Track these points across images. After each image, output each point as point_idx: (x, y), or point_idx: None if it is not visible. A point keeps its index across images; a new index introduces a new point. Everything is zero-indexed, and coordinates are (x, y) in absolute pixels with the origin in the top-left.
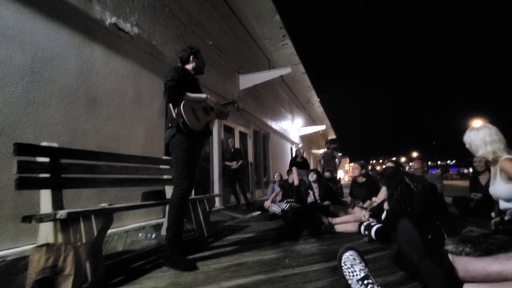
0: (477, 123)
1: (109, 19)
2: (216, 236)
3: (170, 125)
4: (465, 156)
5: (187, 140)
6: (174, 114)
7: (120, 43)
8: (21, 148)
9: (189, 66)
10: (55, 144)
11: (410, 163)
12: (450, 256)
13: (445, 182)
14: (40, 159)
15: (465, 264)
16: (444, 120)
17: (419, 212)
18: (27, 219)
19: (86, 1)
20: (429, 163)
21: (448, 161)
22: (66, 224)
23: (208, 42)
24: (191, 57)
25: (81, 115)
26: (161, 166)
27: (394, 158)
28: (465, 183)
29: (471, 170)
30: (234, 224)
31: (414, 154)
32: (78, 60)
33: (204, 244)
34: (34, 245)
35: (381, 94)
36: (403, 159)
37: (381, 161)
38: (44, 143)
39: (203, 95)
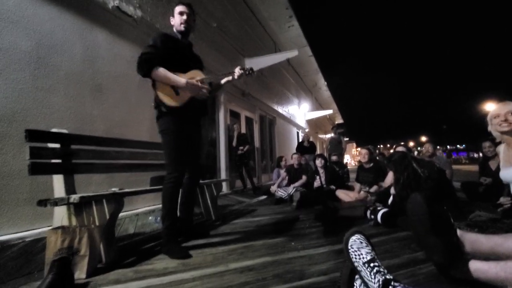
0: (490, 106)
1: (112, 2)
2: (223, 220)
3: (153, 106)
4: (475, 140)
5: (173, 122)
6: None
7: (124, 26)
8: (32, 135)
9: (174, 29)
10: (64, 131)
11: (419, 148)
12: (458, 231)
13: (454, 166)
14: (51, 145)
15: (473, 241)
16: (454, 104)
17: (427, 197)
18: (42, 202)
19: None
20: (438, 147)
21: (458, 145)
22: (80, 208)
23: (213, 24)
24: (171, 18)
25: (88, 101)
26: None
27: (402, 143)
28: (475, 168)
29: (481, 154)
30: (241, 208)
31: (423, 138)
32: (82, 45)
33: (212, 227)
34: (50, 227)
35: (390, 77)
36: (411, 144)
37: (388, 145)
38: (54, 130)
39: (180, 80)
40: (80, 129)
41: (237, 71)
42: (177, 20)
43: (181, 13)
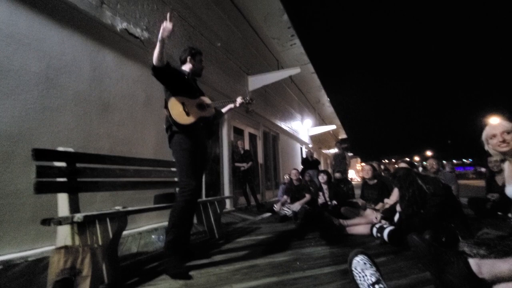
0: (494, 120)
1: (120, 25)
2: (227, 238)
3: (165, 127)
4: (482, 154)
5: (185, 141)
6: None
7: (131, 47)
8: (39, 154)
9: (185, 67)
10: (70, 149)
11: (424, 162)
12: (473, 260)
13: (461, 181)
14: (57, 163)
15: (491, 267)
16: (459, 118)
17: (433, 214)
18: (46, 222)
19: (97, 7)
20: (444, 162)
21: (464, 160)
22: (83, 227)
23: (217, 44)
24: (189, 58)
25: (94, 119)
26: (173, 169)
27: (407, 158)
28: (482, 183)
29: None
30: (244, 226)
31: (428, 153)
32: (90, 65)
33: (215, 246)
34: (53, 247)
35: (393, 91)
36: (416, 158)
37: (393, 160)
38: (60, 148)
39: (160, 36)
40: (85, 147)
41: (239, 100)
42: (198, 66)
43: (201, 61)
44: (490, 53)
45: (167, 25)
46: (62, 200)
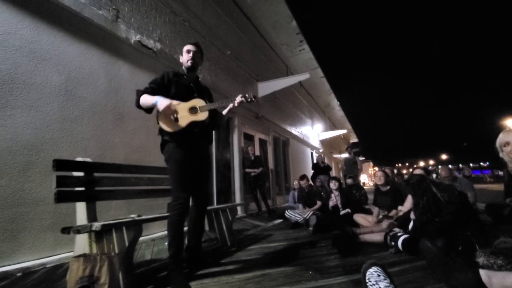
0: (510, 122)
1: (134, 37)
2: (239, 245)
3: (158, 134)
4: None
5: (176, 151)
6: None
7: (144, 58)
8: (59, 164)
9: (183, 66)
10: (88, 159)
11: (439, 166)
12: (484, 272)
13: (478, 186)
14: (76, 173)
15: (501, 279)
16: (475, 119)
17: (448, 222)
18: (66, 230)
19: (113, 21)
20: (460, 165)
21: (481, 163)
22: (100, 235)
23: (226, 52)
24: (182, 55)
25: (110, 129)
26: None
27: (422, 164)
28: (500, 187)
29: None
30: (256, 233)
31: (443, 157)
32: (106, 77)
33: (228, 254)
34: (71, 253)
35: (405, 92)
36: (431, 162)
37: (407, 164)
38: (78, 158)
39: (160, 101)
40: (102, 156)
41: (238, 98)
42: (184, 58)
43: (188, 51)
44: (508, 51)
45: (168, 108)
46: (80, 209)
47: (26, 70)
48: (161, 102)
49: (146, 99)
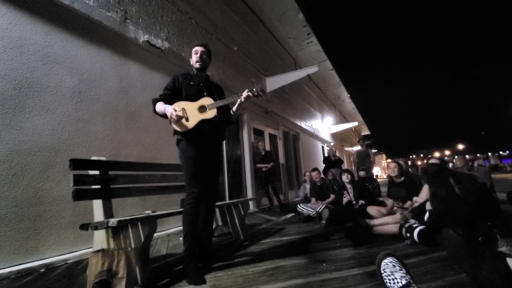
0: None
1: (142, 37)
2: (252, 239)
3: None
4: None
5: (188, 148)
6: None
7: (153, 58)
8: (75, 163)
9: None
10: (103, 158)
11: (456, 156)
12: (510, 261)
13: (497, 176)
14: (92, 172)
15: None
16: (493, 106)
17: (468, 213)
18: (84, 227)
19: (121, 22)
20: (478, 155)
21: (501, 152)
22: (117, 231)
23: (234, 48)
24: (190, 56)
25: (123, 128)
26: None
27: (437, 154)
28: None
29: None
30: (269, 227)
31: (460, 146)
32: (117, 78)
33: (241, 248)
34: (91, 250)
35: (419, 80)
36: (447, 152)
37: (422, 155)
38: (94, 157)
39: (167, 109)
40: (116, 155)
41: (244, 94)
42: (193, 59)
43: (195, 53)
44: None
45: (174, 118)
46: (97, 206)
47: (41, 74)
48: (168, 111)
49: (159, 108)
